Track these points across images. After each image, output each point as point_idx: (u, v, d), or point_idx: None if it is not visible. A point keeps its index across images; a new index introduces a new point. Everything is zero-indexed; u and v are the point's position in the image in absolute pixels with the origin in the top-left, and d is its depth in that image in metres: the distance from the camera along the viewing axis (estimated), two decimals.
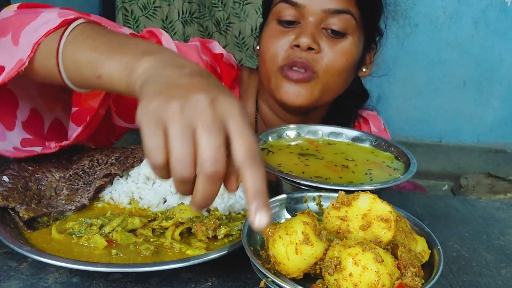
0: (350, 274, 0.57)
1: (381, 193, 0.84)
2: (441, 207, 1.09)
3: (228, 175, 0.58)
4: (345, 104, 1.28)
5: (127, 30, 1.06)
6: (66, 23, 0.78)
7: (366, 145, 1.02)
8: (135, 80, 0.65)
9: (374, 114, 1.38)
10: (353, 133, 1.04)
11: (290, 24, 1.11)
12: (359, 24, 1.12)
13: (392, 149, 0.98)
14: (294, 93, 1.10)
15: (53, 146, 0.90)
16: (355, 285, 0.57)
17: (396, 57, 3.62)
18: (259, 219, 0.56)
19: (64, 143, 0.91)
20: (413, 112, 3.75)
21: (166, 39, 1.12)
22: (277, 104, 1.22)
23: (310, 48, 1.08)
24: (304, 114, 1.21)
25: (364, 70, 1.25)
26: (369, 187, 0.80)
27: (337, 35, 1.10)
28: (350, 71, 1.16)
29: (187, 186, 0.58)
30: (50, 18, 0.79)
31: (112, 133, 1.17)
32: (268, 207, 0.56)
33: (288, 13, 1.10)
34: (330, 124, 1.18)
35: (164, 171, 0.57)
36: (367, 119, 1.35)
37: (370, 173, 0.89)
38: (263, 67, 1.16)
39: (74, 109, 0.94)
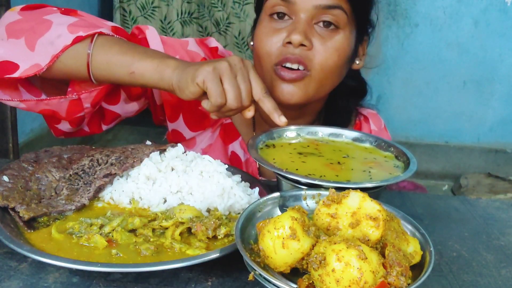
0: (333, 270, 0.58)
1: (381, 192, 0.84)
2: (441, 207, 1.09)
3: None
4: (344, 101, 1.29)
5: (112, 23, 1.14)
6: (80, 40, 0.99)
7: (366, 145, 1.02)
8: (170, 75, 0.94)
9: (374, 113, 1.38)
10: (353, 133, 1.04)
11: (282, 18, 1.12)
12: (350, 19, 1.13)
13: (392, 149, 0.98)
14: (288, 92, 1.12)
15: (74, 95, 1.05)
16: (337, 281, 0.58)
17: (396, 57, 3.63)
18: (282, 119, 0.95)
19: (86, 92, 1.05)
20: (413, 112, 3.75)
21: (151, 32, 1.18)
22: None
23: (302, 45, 1.09)
24: (299, 108, 1.22)
25: (357, 62, 1.25)
26: (369, 185, 0.80)
27: (329, 27, 1.11)
28: (343, 66, 1.16)
29: (235, 112, 0.96)
30: (61, 32, 1.00)
31: (103, 119, 1.21)
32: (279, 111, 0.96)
33: (280, 8, 1.11)
34: (331, 122, 1.18)
35: (221, 106, 0.92)
36: (368, 118, 1.35)
37: (369, 171, 0.89)
38: (258, 64, 1.17)
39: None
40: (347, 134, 1.05)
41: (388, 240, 0.66)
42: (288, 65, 1.10)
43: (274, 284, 0.62)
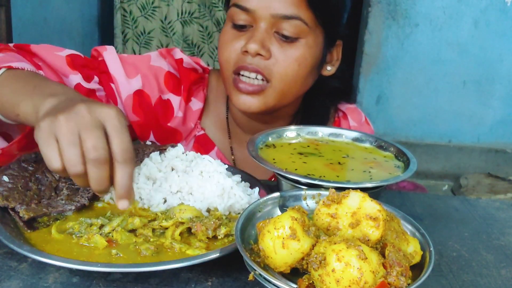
0: (333, 270, 0.58)
1: (381, 192, 0.84)
2: (441, 207, 1.09)
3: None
4: (320, 100, 1.27)
5: (68, 52, 1.14)
6: None
7: (366, 145, 1.02)
8: (40, 117, 0.76)
9: (352, 108, 1.34)
10: (353, 134, 1.05)
11: (243, 28, 1.10)
12: (313, 27, 1.10)
13: (392, 149, 0.98)
14: (245, 103, 1.11)
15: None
16: (338, 281, 0.58)
17: (396, 57, 3.62)
18: (121, 204, 0.75)
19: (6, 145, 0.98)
20: (413, 112, 3.75)
21: (109, 53, 1.18)
22: None
23: (259, 54, 1.07)
24: (269, 113, 1.21)
25: (329, 68, 1.22)
26: (369, 185, 0.80)
27: (288, 39, 1.08)
28: (307, 74, 1.14)
29: (83, 180, 0.73)
30: None
31: None
32: (129, 197, 0.75)
33: (240, 17, 1.09)
34: (308, 122, 1.16)
35: (65, 173, 0.72)
36: (346, 114, 1.32)
37: (370, 172, 0.89)
38: (220, 69, 1.16)
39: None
40: (347, 134, 1.05)
41: (388, 240, 0.66)
42: (246, 73, 1.09)
43: (274, 284, 0.62)
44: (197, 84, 1.28)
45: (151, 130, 1.25)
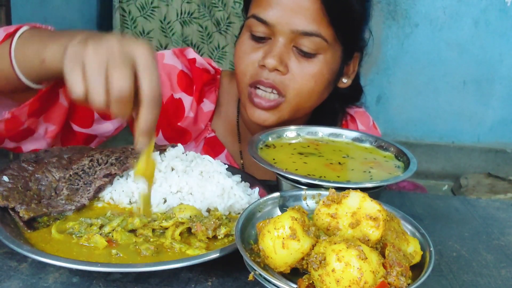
0: (333, 270, 0.58)
1: (381, 192, 0.84)
2: (441, 207, 1.09)
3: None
4: (330, 104, 1.26)
5: None
6: (10, 34, 0.92)
7: (366, 145, 1.02)
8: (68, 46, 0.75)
9: (361, 111, 1.34)
10: (353, 134, 1.05)
11: (261, 39, 1.09)
12: (332, 43, 1.08)
13: (392, 149, 0.98)
14: (260, 117, 1.11)
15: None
16: (338, 281, 0.58)
17: (396, 57, 3.63)
18: (140, 142, 0.73)
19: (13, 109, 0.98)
20: (413, 112, 3.75)
21: None
22: None
23: (276, 69, 1.06)
24: (283, 124, 1.17)
25: (345, 81, 1.21)
26: (369, 185, 0.80)
27: (307, 55, 1.07)
28: (323, 90, 1.13)
29: (105, 108, 0.71)
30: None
31: (77, 141, 1.19)
32: (149, 136, 0.73)
33: (259, 29, 1.07)
34: (316, 124, 1.17)
35: (85, 101, 0.71)
36: (354, 118, 1.32)
37: (370, 172, 0.89)
38: (236, 79, 1.15)
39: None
40: (347, 134, 1.05)
41: (388, 240, 0.66)
42: (262, 88, 1.08)
43: (274, 284, 0.62)
44: (209, 85, 1.28)
45: (160, 129, 1.24)
